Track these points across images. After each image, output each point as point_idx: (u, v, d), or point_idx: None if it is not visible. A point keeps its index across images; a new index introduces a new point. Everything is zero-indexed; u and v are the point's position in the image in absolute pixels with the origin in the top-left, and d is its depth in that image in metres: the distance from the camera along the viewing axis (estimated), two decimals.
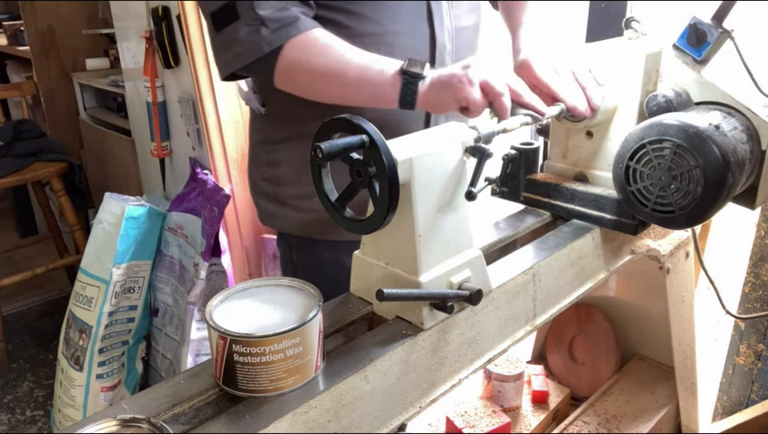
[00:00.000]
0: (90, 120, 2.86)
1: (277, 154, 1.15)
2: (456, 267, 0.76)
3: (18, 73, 3.35)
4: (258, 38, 0.94)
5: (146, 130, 2.24)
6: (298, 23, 0.94)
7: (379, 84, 0.92)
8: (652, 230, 1.09)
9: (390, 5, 1.01)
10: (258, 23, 0.94)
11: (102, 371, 2.00)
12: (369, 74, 0.93)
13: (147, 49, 2.04)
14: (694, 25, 0.95)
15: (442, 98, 0.89)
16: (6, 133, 2.52)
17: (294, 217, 1.16)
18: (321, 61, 0.94)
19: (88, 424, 0.56)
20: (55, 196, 2.57)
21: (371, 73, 0.92)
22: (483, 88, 0.85)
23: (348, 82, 0.94)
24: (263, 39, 0.94)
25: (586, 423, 1.42)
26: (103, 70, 2.88)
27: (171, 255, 2.03)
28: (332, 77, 0.95)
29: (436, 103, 0.91)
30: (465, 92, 0.85)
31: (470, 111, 0.87)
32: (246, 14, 0.94)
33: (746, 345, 1.59)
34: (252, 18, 0.94)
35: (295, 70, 0.97)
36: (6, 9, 4.02)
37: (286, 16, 0.94)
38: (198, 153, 2.03)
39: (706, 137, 0.82)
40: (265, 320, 0.65)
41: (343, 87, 0.95)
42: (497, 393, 1.47)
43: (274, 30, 0.94)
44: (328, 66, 0.94)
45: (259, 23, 0.94)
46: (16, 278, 2.49)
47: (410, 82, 0.90)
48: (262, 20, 0.93)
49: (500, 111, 0.87)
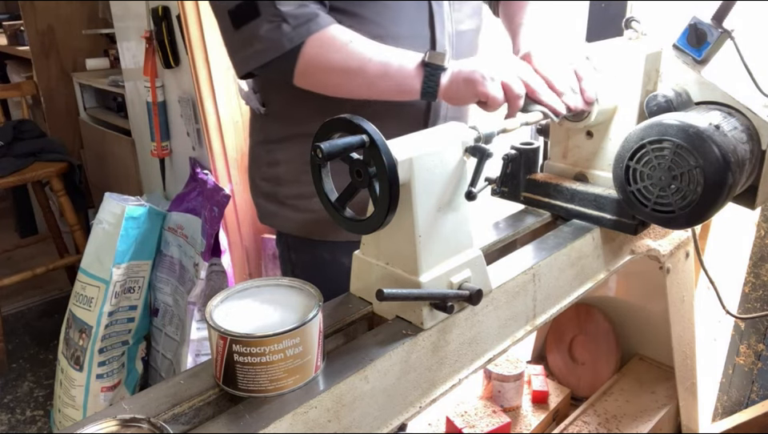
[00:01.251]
0: (89, 120, 2.86)
1: (276, 154, 1.15)
2: (456, 267, 0.76)
3: (18, 73, 3.35)
4: (280, 34, 0.94)
5: (146, 130, 2.23)
6: (318, 19, 0.94)
7: (401, 77, 0.93)
8: (652, 230, 1.09)
9: (391, 7, 1.01)
10: (279, 20, 0.93)
11: (102, 371, 2.00)
12: (390, 69, 0.93)
13: (147, 49, 2.04)
14: (694, 25, 0.95)
15: (463, 93, 0.90)
16: (6, 133, 2.52)
17: (292, 217, 1.16)
18: (341, 57, 0.94)
19: (88, 424, 0.56)
20: (55, 196, 2.56)
21: (392, 67, 0.93)
22: (504, 87, 0.87)
23: (369, 77, 0.94)
24: (285, 36, 0.94)
25: (585, 423, 1.42)
26: (103, 70, 2.87)
27: (171, 255, 2.03)
28: (353, 73, 0.95)
29: (456, 96, 0.92)
30: (486, 88, 0.86)
31: (488, 106, 0.89)
32: (267, 11, 0.94)
33: (746, 345, 1.59)
34: (273, 15, 0.93)
35: (315, 68, 0.97)
36: (6, 9, 4.02)
37: (307, 12, 0.94)
38: (198, 153, 2.03)
39: (706, 137, 0.81)
40: (265, 320, 0.65)
41: (365, 82, 0.96)
42: (497, 393, 1.47)
43: (295, 26, 0.94)
44: (348, 62, 0.94)
45: (281, 20, 0.93)
46: (16, 278, 2.49)
47: (431, 74, 0.91)
48: (284, 16, 0.93)
49: (511, 111, 0.89)
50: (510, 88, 0.87)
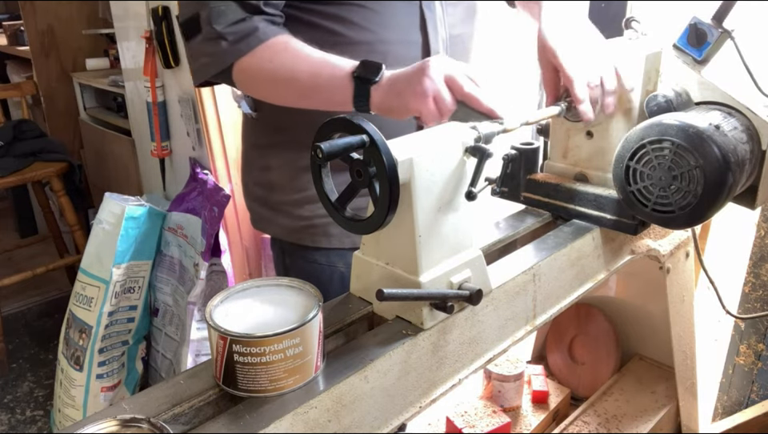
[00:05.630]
0: (90, 120, 2.86)
1: (268, 159, 1.14)
2: (456, 267, 0.76)
3: (18, 73, 3.35)
4: (219, 51, 0.95)
5: (146, 130, 2.23)
6: (258, 33, 0.94)
7: (331, 88, 0.91)
8: (652, 230, 1.09)
9: (382, 12, 1.00)
10: (216, 37, 0.95)
11: (102, 371, 2.00)
12: (319, 81, 0.92)
13: (147, 49, 2.04)
14: (694, 25, 0.95)
15: (395, 106, 0.87)
16: (6, 133, 2.52)
17: (285, 223, 1.15)
18: (271, 68, 0.94)
19: (88, 424, 0.56)
20: (55, 196, 2.57)
21: (321, 79, 0.91)
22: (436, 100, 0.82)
23: (300, 88, 0.93)
24: (223, 52, 0.95)
25: (585, 423, 1.42)
26: (103, 70, 2.88)
27: (171, 255, 2.03)
28: (282, 84, 0.95)
29: (389, 110, 0.88)
30: (418, 103, 0.83)
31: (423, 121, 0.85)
32: (206, 29, 0.95)
33: (746, 345, 1.59)
34: (210, 33, 0.95)
35: (248, 78, 0.97)
36: (6, 9, 4.02)
37: (244, 28, 0.94)
38: (198, 153, 2.03)
39: (706, 137, 0.81)
40: (265, 320, 0.65)
41: (297, 93, 0.95)
42: (497, 393, 1.47)
43: (233, 41, 0.94)
44: (277, 73, 0.94)
45: (218, 37, 0.94)
46: (16, 278, 2.49)
47: (360, 87, 0.88)
48: (220, 34, 0.94)
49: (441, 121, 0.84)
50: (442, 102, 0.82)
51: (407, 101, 0.84)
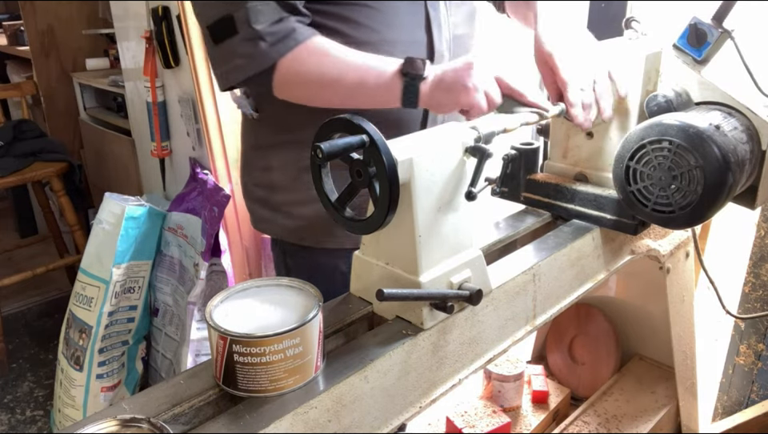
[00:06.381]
0: (89, 120, 2.86)
1: (269, 160, 1.14)
2: (456, 267, 0.76)
3: (18, 73, 3.35)
4: (258, 52, 0.94)
5: (146, 130, 2.23)
6: (295, 34, 0.94)
7: (379, 87, 0.92)
8: (652, 230, 1.09)
9: (388, 13, 1.00)
10: (256, 38, 0.93)
11: (102, 371, 2.00)
12: (367, 79, 0.92)
13: (147, 49, 2.04)
14: (694, 25, 0.95)
15: (445, 101, 0.89)
16: (6, 133, 2.52)
17: (286, 224, 1.15)
18: (317, 70, 0.94)
19: (88, 424, 0.56)
20: (55, 196, 2.56)
21: (370, 78, 0.92)
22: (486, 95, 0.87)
23: (347, 88, 0.94)
24: (262, 53, 0.94)
25: (585, 423, 1.42)
26: (103, 70, 2.87)
27: (171, 255, 2.03)
28: (329, 85, 0.94)
29: (438, 105, 0.91)
30: (470, 98, 0.86)
31: (470, 115, 0.88)
32: (244, 29, 0.93)
33: (746, 345, 1.59)
34: (250, 33, 0.93)
35: (292, 81, 0.96)
36: (6, 9, 4.02)
37: (283, 28, 0.93)
38: (198, 153, 2.03)
39: (706, 137, 0.81)
40: (265, 320, 0.65)
41: (343, 94, 0.95)
42: (497, 393, 1.47)
43: (272, 43, 0.93)
44: (324, 74, 0.94)
45: (257, 37, 0.93)
46: (16, 278, 2.49)
47: (410, 83, 0.90)
48: (260, 34, 0.93)
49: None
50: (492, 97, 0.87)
51: (458, 96, 0.87)
